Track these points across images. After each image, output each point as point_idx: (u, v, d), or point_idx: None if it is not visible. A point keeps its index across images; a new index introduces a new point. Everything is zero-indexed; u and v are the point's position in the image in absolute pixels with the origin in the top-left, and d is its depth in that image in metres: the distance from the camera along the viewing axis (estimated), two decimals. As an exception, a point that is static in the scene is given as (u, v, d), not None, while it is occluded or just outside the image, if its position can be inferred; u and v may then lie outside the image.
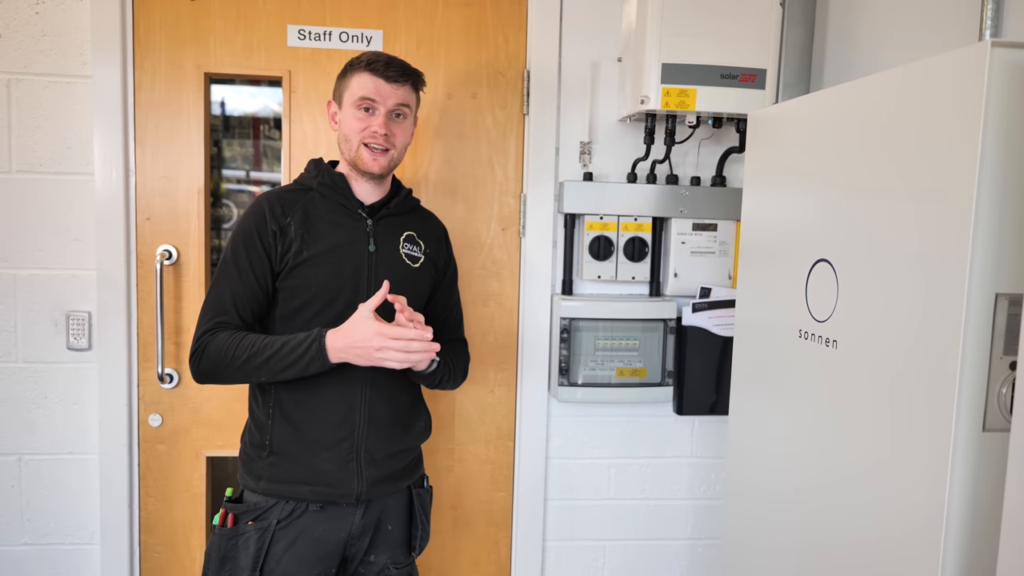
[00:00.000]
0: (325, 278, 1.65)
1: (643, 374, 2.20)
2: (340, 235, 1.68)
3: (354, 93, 1.66)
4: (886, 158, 1.30)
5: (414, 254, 1.77)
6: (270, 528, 1.65)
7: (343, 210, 1.71)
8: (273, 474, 1.67)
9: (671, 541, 2.38)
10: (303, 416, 1.67)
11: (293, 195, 1.70)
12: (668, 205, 2.18)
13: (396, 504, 1.78)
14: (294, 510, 1.66)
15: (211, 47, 2.11)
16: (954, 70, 1.15)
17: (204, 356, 1.61)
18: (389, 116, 1.67)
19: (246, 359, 1.57)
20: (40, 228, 2.09)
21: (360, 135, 1.66)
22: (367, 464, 1.69)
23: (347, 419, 1.67)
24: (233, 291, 1.64)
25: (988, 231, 1.11)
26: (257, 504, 1.67)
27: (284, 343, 1.57)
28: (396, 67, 1.67)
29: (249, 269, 1.64)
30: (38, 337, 2.11)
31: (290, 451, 1.67)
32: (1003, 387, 1.14)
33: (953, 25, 1.59)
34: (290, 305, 1.66)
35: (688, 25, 1.96)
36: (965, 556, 1.17)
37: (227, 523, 1.65)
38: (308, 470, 1.66)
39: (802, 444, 1.56)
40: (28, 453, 2.14)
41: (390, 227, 1.75)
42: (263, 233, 1.64)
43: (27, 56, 2.04)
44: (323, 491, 1.66)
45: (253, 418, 1.72)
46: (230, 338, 1.60)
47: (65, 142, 2.07)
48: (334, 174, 1.72)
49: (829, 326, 1.46)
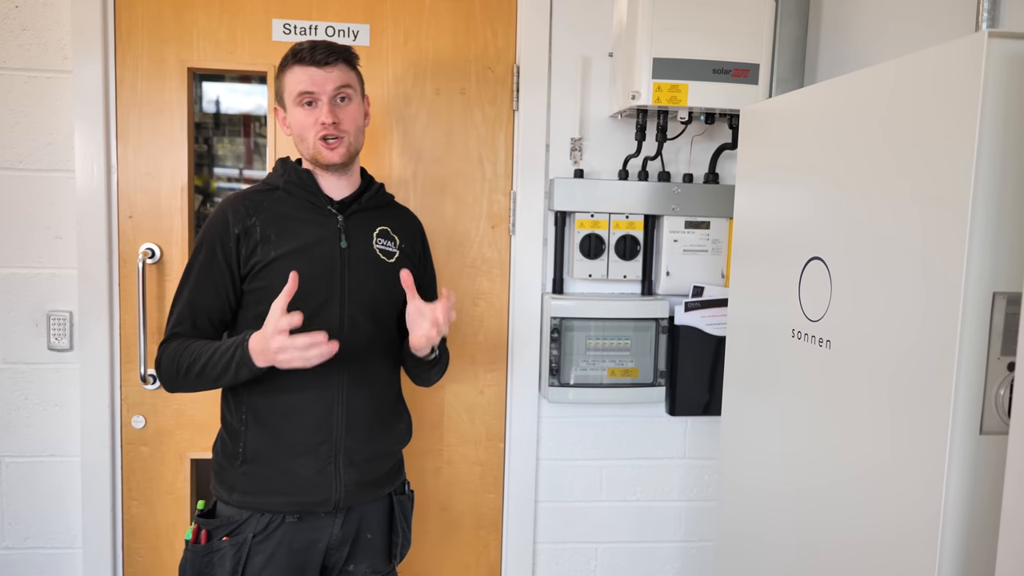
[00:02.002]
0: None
1: (635, 374, 2.17)
2: (310, 233, 1.63)
3: (292, 90, 1.61)
4: (881, 153, 1.27)
5: (388, 249, 1.72)
6: (246, 543, 1.59)
7: (312, 207, 1.65)
8: (247, 485, 1.61)
9: (663, 543, 2.35)
10: (278, 419, 1.62)
11: (259, 195, 1.65)
12: (660, 202, 2.14)
13: (376, 512, 1.73)
14: (270, 522, 1.61)
15: (194, 41, 2.07)
16: (951, 62, 1.12)
17: (161, 367, 1.59)
18: (333, 103, 1.61)
19: (187, 368, 1.54)
20: (20, 226, 2.05)
21: (312, 130, 1.61)
22: (346, 467, 1.64)
23: (325, 420, 1.62)
24: (191, 302, 1.61)
25: (985, 228, 1.08)
26: (231, 517, 1.61)
27: (215, 350, 1.53)
28: (322, 49, 1.60)
29: (209, 280, 1.60)
30: (18, 337, 2.07)
31: (265, 458, 1.61)
32: (1001, 388, 1.11)
33: (949, 17, 1.56)
34: (261, 307, 1.57)
35: (679, 19, 1.92)
36: (962, 562, 1.14)
37: (200, 539, 1.60)
38: (284, 477, 1.61)
39: (796, 445, 1.53)
40: (8, 455, 2.10)
41: (362, 222, 1.70)
42: (225, 239, 1.60)
43: (6, 51, 2.01)
44: (300, 500, 1.61)
45: (225, 425, 1.67)
46: (177, 348, 1.57)
47: (45, 138, 2.03)
48: (301, 171, 1.67)
49: (822, 326, 1.43)
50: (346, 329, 1.62)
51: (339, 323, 1.61)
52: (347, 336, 1.61)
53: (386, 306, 1.70)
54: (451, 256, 2.21)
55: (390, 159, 2.16)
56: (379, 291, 1.68)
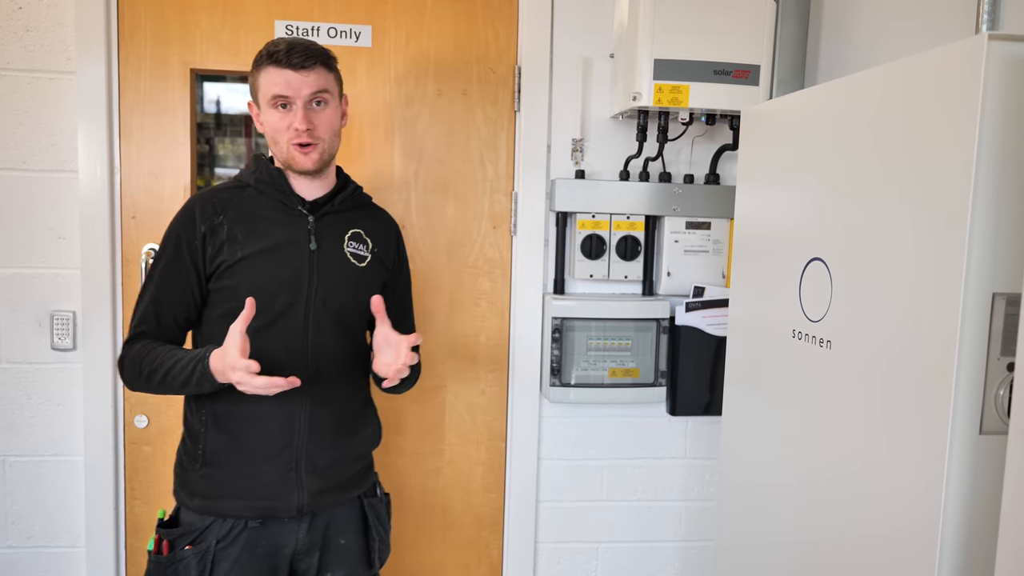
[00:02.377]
0: (262, 279, 1.55)
1: (636, 374, 2.18)
2: (279, 233, 1.58)
3: (266, 92, 1.54)
4: (881, 155, 1.28)
5: (360, 253, 1.66)
6: (210, 550, 1.55)
7: (282, 207, 1.60)
8: (208, 488, 1.57)
9: (664, 543, 2.35)
10: (239, 424, 1.57)
11: (228, 193, 1.61)
12: (661, 203, 2.15)
13: (346, 516, 1.68)
14: (232, 527, 1.56)
15: (197, 43, 2.08)
16: (951, 64, 1.13)
17: (123, 368, 1.56)
18: (308, 107, 1.54)
19: (148, 374, 1.52)
20: (23, 226, 2.05)
21: (286, 135, 1.55)
22: (308, 474, 1.59)
23: (287, 425, 1.58)
24: (156, 300, 1.57)
25: (985, 229, 1.09)
26: (192, 525, 1.57)
27: (177, 360, 1.49)
28: (299, 52, 1.52)
29: (174, 278, 1.56)
30: (22, 337, 2.08)
31: (226, 462, 1.57)
32: (1000, 389, 1.11)
33: (949, 18, 1.56)
34: (226, 307, 1.55)
35: (680, 20, 1.93)
36: (962, 561, 1.15)
37: (162, 550, 1.56)
38: (245, 482, 1.57)
39: (796, 445, 1.54)
40: (12, 455, 2.11)
41: (334, 224, 1.64)
42: (190, 237, 1.56)
43: (10, 52, 2.01)
44: (262, 505, 1.57)
45: (187, 426, 1.63)
46: (140, 350, 1.54)
47: (49, 139, 2.04)
48: (272, 170, 1.62)
49: (823, 326, 1.43)
50: (311, 333, 1.59)
51: (303, 327, 1.58)
52: (312, 341, 1.58)
53: (354, 311, 1.65)
54: (453, 256, 2.22)
55: (392, 160, 2.17)
56: (347, 296, 1.63)
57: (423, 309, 2.21)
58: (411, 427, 2.25)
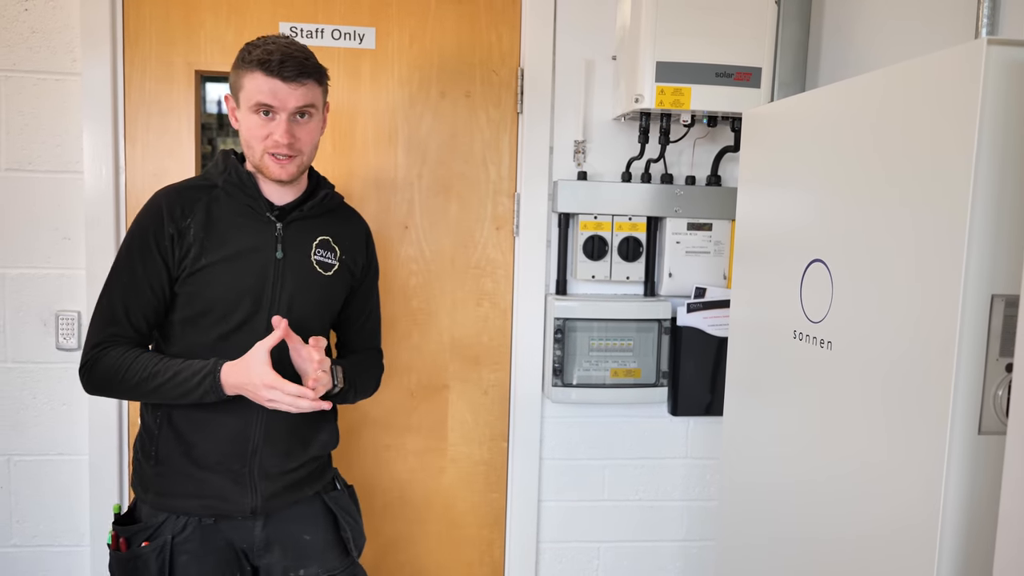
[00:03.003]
0: (223, 288, 1.52)
1: (637, 375, 2.19)
2: (244, 240, 1.54)
3: (250, 96, 1.48)
4: (881, 157, 1.29)
5: (327, 261, 1.63)
6: (167, 545, 1.54)
7: (250, 212, 1.56)
8: (160, 486, 1.56)
9: (666, 542, 2.36)
10: (192, 428, 1.55)
11: (195, 192, 1.56)
12: (663, 204, 2.16)
13: (306, 512, 1.66)
14: (186, 524, 1.55)
15: (201, 44, 2.09)
16: (950, 68, 1.14)
17: (94, 372, 1.51)
18: (292, 119, 1.49)
19: (138, 382, 1.48)
20: (29, 227, 2.07)
21: (263, 144, 1.50)
22: (261, 479, 1.58)
23: (241, 433, 1.55)
24: (125, 298, 1.52)
25: (984, 231, 1.10)
26: (148, 520, 1.56)
27: (178, 372, 1.47)
28: (293, 65, 1.46)
29: (143, 275, 1.51)
30: (27, 337, 2.09)
31: (177, 464, 1.55)
32: (999, 389, 1.12)
33: (950, 21, 1.58)
34: (188, 312, 1.53)
35: (682, 23, 1.94)
36: (961, 560, 1.16)
37: (120, 546, 1.55)
38: (195, 483, 1.55)
39: (797, 446, 1.55)
40: (17, 454, 2.12)
41: (302, 231, 1.60)
42: (159, 236, 1.51)
43: (16, 53, 2.03)
44: (214, 505, 1.56)
45: (143, 422, 1.61)
46: (122, 356, 1.49)
47: (54, 140, 2.05)
48: (242, 172, 1.56)
49: (824, 327, 1.44)
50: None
51: (265, 336, 1.50)
52: (274, 349, 1.49)
53: (317, 320, 1.63)
54: (456, 257, 2.23)
55: (395, 161, 2.18)
56: (310, 305, 1.60)
57: (427, 309, 2.22)
58: (414, 427, 2.26)
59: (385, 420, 2.24)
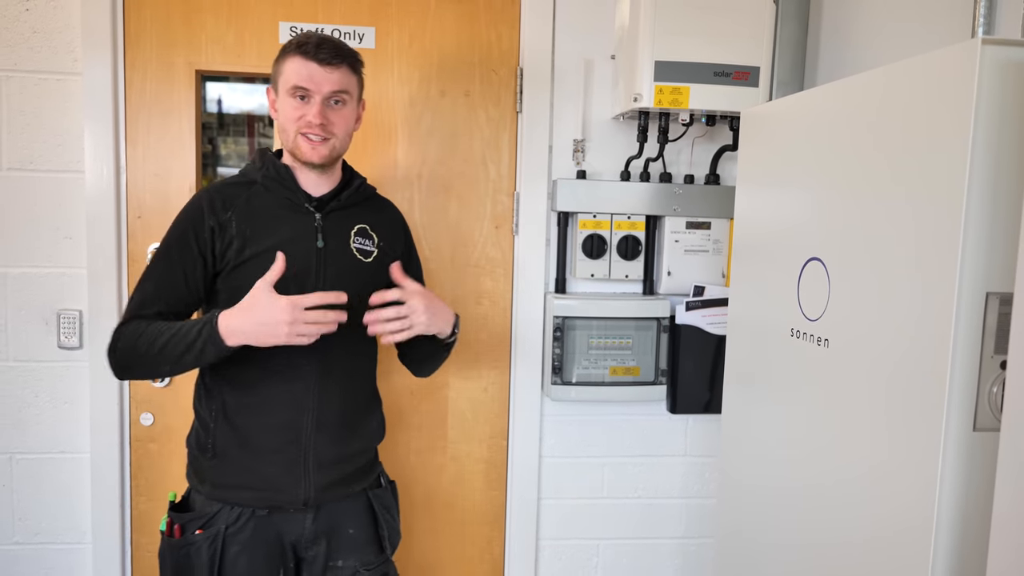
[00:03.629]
0: None
1: (636, 373, 2.20)
2: (285, 231, 1.59)
3: (287, 80, 1.55)
4: (878, 156, 1.30)
5: (366, 248, 1.68)
6: (220, 535, 1.58)
7: (289, 204, 1.61)
8: (217, 477, 1.60)
9: (665, 540, 2.37)
10: (246, 418, 1.59)
11: (236, 189, 1.61)
12: (661, 203, 2.17)
13: (353, 507, 1.71)
14: (240, 515, 1.60)
15: (202, 44, 2.10)
16: (945, 67, 1.15)
17: (118, 348, 1.53)
18: (326, 103, 1.56)
19: (147, 346, 1.48)
20: (31, 226, 2.08)
21: (296, 124, 1.56)
22: (315, 469, 1.62)
23: (294, 421, 1.60)
24: (157, 288, 1.56)
25: (979, 230, 1.11)
26: (203, 509, 1.61)
27: (179, 328, 1.47)
28: (328, 48, 1.54)
29: (180, 268, 1.56)
30: (29, 336, 2.10)
31: (233, 454, 1.60)
32: (994, 386, 1.13)
33: (947, 20, 1.58)
34: (231, 305, 1.52)
35: (681, 22, 1.95)
36: (955, 555, 1.17)
37: (174, 533, 1.60)
38: (252, 475, 1.59)
39: (795, 443, 1.56)
40: (19, 452, 2.13)
41: (340, 220, 1.65)
42: (199, 229, 1.56)
43: (17, 53, 2.03)
44: (268, 496, 1.60)
45: (198, 416, 1.65)
46: (138, 326, 1.51)
47: (56, 140, 2.06)
48: (279, 166, 1.62)
49: (821, 325, 1.45)
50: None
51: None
52: (319, 338, 1.53)
53: (360, 306, 1.62)
54: (455, 256, 2.24)
55: (395, 160, 2.19)
56: (353, 292, 1.60)
57: (426, 308, 2.23)
58: (414, 424, 2.27)
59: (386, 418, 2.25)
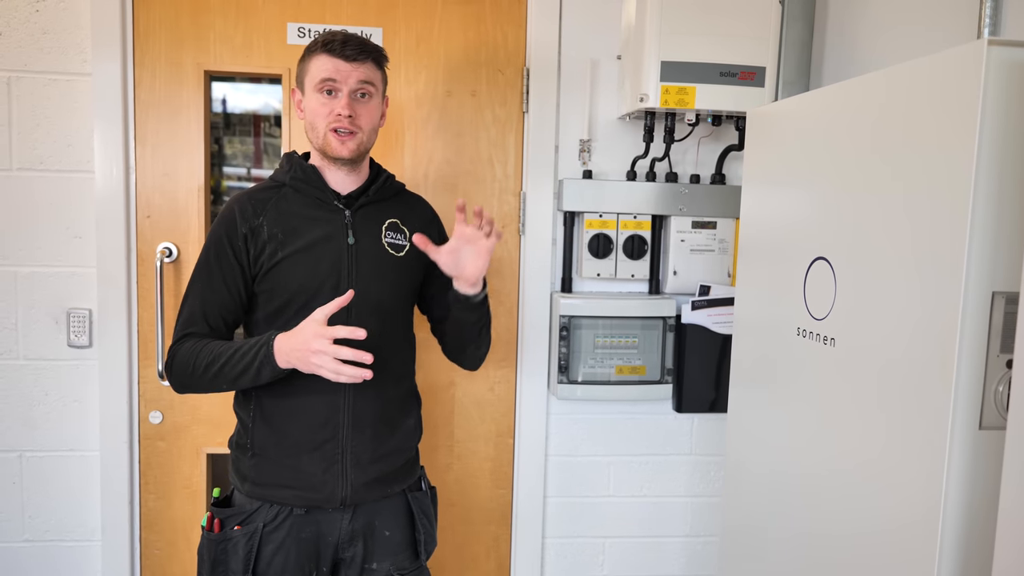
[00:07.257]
0: (302, 277, 1.60)
1: (642, 372, 2.20)
2: (316, 230, 1.62)
3: (314, 77, 1.59)
4: (884, 156, 1.30)
5: (397, 242, 1.70)
6: (257, 532, 1.62)
7: (319, 203, 1.64)
8: (257, 476, 1.64)
9: (670, 538, 2.38)
10: (283, 418, 1.62)
11: (266, 193, 1.65)
12: (667, 203, 2.18)
13: (392, 509, 1.72)
14: (279, 513, 1.63)
15: (211, 45, 2.11)
16: (951, 68, 1.15)
17: (173, 368, 1.59)
18: (353, 97, 1.59)
19: (204, 368, 1.54)
20: (41, 226, 2.09)
21: (325, 120, 1.59)
22: (353, 467, 1.64)
23: (330, 420, 1.62)
24: (203, 300, 1.61)
25: (985, 230, 1.11)
26: (243, 507, 1.64)
27: (236, 350, 1.53)
28: (354, 45, 1.58)
29: (220, 277, 1.60)
30: (39, 334, 2.12)
31: (271, 453, 1.63)
32: (1000, 385, 1.14)
33: (953, 20, 1.59)
34: (269, 308, 1.61)
35: (687, 23, 1.95)
36: (961, 553, 1.17)
37: (214, 528, 1.63)
38: (290, 473, 1.62)
39: (801, 442, 1.56)
40: (29, 450, 2.15)
41: (370, 216, 1.68)
42: (233, 238, 1.60)
43: (27, 54, 2.05)
44: (307, 495, 1.63)
45: (238, 417, 1.69)
46: (192, 347, 1.56)
47: (65, 140, 2.08)
48: (306, 167, 1.66)
49: (827, 324, 1.46)
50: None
51: (346, 322, 1.58)
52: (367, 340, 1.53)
53: (395, 301, 1.69)
54: (462, 255, 2.24)
55: (402, 160, 2.20)
56: (387, 287, 1.66)
57: (432, 307, 2.23)
58: (420, 423, 2.28)
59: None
